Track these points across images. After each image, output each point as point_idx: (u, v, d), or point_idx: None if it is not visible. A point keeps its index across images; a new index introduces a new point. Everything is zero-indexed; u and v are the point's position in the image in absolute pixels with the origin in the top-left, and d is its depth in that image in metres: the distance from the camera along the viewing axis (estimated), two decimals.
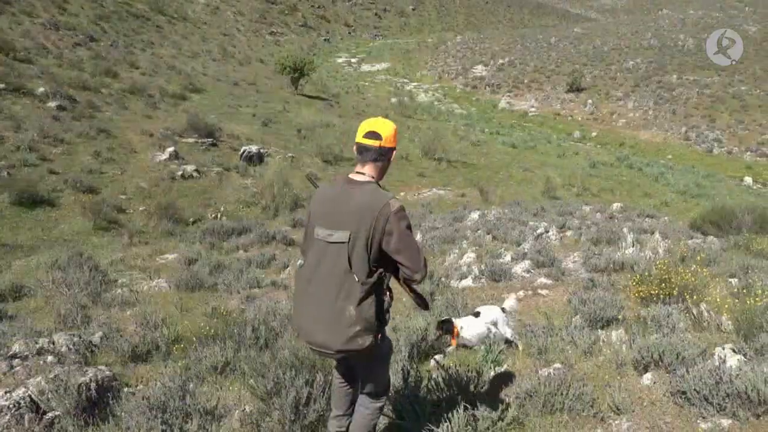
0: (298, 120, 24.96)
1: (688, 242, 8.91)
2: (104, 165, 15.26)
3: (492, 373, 4.32)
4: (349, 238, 2.80)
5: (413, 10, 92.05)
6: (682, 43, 53.09)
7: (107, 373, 4.39)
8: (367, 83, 48.71)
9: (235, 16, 58.71)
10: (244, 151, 18.10)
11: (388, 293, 2.97)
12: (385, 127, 3.00)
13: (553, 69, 51.37)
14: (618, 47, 55.19)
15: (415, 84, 51.35)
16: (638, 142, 37.22)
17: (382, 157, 2.99)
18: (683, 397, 3.56)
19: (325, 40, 66.34)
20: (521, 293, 7.09)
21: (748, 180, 29.32)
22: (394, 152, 3.06)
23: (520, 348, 4.93)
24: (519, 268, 7.73)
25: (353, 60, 59.33)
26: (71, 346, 4.92)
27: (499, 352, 4.63)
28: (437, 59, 60.93)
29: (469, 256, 8.57)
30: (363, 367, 3.11)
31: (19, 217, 11.89)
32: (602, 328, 5.39)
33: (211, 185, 15.77)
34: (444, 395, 3.85)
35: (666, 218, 15.12)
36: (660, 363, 3.99)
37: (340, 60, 58.89)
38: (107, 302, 6.95)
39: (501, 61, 55.78)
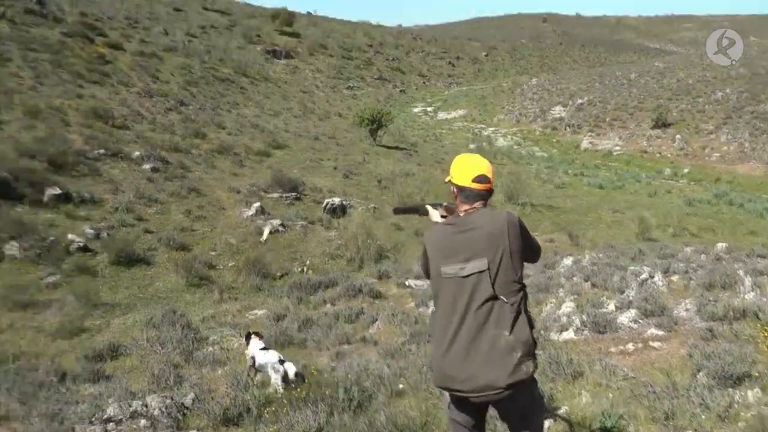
0: (378, 170, 25.14)
1: None
2: (195, 223, 15.76)
3: None
4: (488, 265, 2.66)
5: (486, 56, 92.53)
6: None
7: None
8: (444, 131, 48.86)
9: (313, 73, 60.87)
10: (327, 204, 18.27)
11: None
12: (489, 168, 2.96)
13: (635, 105, 49.75)
14: (704, 79, 52.95)
15: (493, 129, 51.06)
16: (736, 176, 35.08)
17: (486, 201, 2.96)
18: None
19: (400, 91, 67.50)
20: (630, 346, 6.52)
21: None
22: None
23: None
24: (625, 318, 7.14)
25: (429, 109, 59.88)
26: (163, 409, 4.85)
27: (619, 418, 4.14)
28: (514, 103, 60.51)
29: (568, 305, 8.04)
30: (521, 412, 2.77)
31: (117, 276, 12.34)
32: (732, 386, 4.79)
33: (297, 239, 15.93)
34: None
35: None
36: None
37: (416, 109, 59.57)
38: (199, 361, 6.94)
39: (580, 100, 54.69)
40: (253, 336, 6.60)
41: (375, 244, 15.17)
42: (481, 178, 2.86)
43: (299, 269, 14.17)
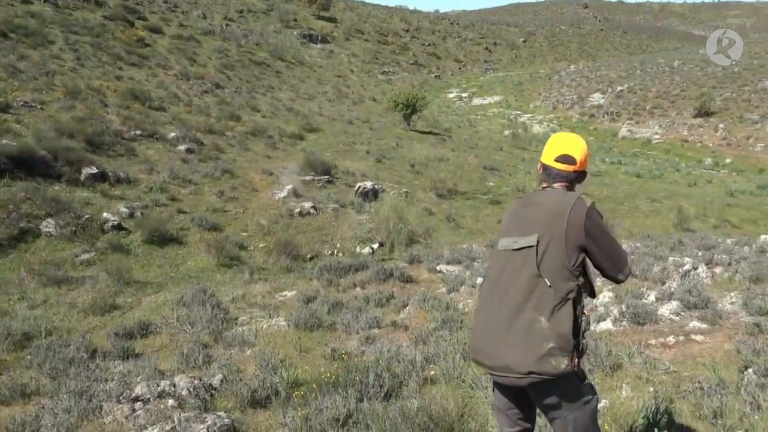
0: (412, 155, 24.93)
1: None
2: (227, 204, 15.81)
3: None
4: (538, 242, 2.46)
5: (524, 42, 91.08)
6: None
7: (226, 420, 4.17)
8: (479, 117, 48.30)
9: (348, 58, 60.65)
10: (359, 188, 18.16)
11: (584, 312, 2.52)
12: (579, 149, 2.65)
13: (677, 93, 48.38)
14: (750, 67, 51.17)
15: (529, 115, 50.25)
16: None
17: (572, 183, 2.67)
18: None
19: (435, 76, 66.88)
20: (671, 339, 6.25)
21: None
22: (586, 176, 2.72)
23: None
24: (666, 310, 6.85)
25: (464, 95, 59.23)
26: (191, 390, 4.78)
27: (664, 414, 3.91)
28: (551, 89, 59.45)
29: (606, 295, 7.77)
30: (550, 407, 2.52)
31: (150, 254, 12.44)
32: None
33: (328, 222, 15.86)
34: None
35: None
36: None
37: (451, 95, 58.99)
38: (228, 341, 6.89)
39: (620, 88, 53.40)
40: None
41: (406, 228, 14.99)
42: (564, 158, 2.62)
43: (329, 252, 14.10)
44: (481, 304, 2.65)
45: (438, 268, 10.98)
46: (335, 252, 14.12)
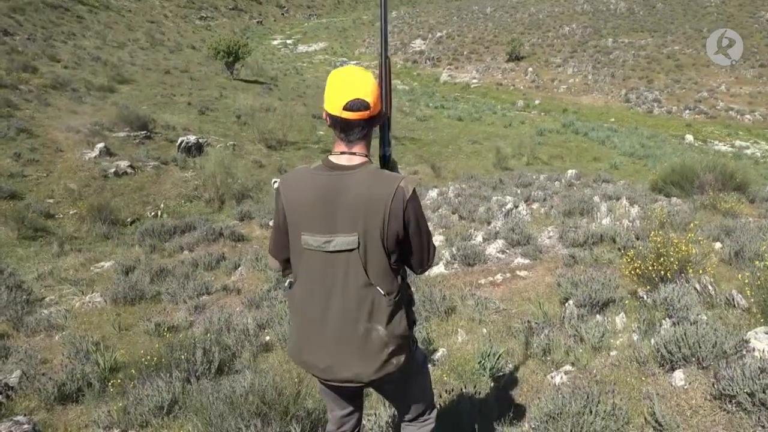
0: (237, 106, 23.74)
1: (661, 206, 8.52)
2: (27, 167, 13.93)
3: (493, 385, 3.68)
4: (359, 243, 2.03)
5: None
6: (614, 7, 53.67)
7: (25, 426, 3.57)
8: (305, 64, 47.43)
9: (161, 2, 56.09)
10: (181, 142, 16.92)
11: (409, 288, 2.27)
12: (368, 87, 2.10)
13: (491, 39, 51.11)
14: (553, 14, 55.39)
15: (355, 62, 50.26)
16: (581, 107, 37.39)
17: (370, 133, 2.18)
18: (732, 401, 2.98)
19: (258, 22, 64.34)
20: (498, 277, 6.51)
21: (689, 138, 29.80)
22: (383, 116, 2.24)
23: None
24: (493, 249, 7.13)
25: (289, 41, 57.72)
26: None
27: (498, 357, 3.98)
28: (375, 36, 59.80)
29: (437, 239, 7.93)
30: (399, 389, 2.38)
31: None
32: (599, 312, 4.84)
33: (149, 181, 14.63)
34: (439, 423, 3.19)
35: (623, 182, 14.90)
36: (690, 358, 3.41)
37: (275, 42, 57.19)
38: (32, 327, 6.01)
39: (439, 34, 55.20)
40: None
41: (236, 183, 14.31)
42: (354, 104, 2.07)
43: (152, 214, 13.06)
44: (301, 316, 2.21)
45: (271, 223, 10.57)
46: (159, 213, 13.11)
